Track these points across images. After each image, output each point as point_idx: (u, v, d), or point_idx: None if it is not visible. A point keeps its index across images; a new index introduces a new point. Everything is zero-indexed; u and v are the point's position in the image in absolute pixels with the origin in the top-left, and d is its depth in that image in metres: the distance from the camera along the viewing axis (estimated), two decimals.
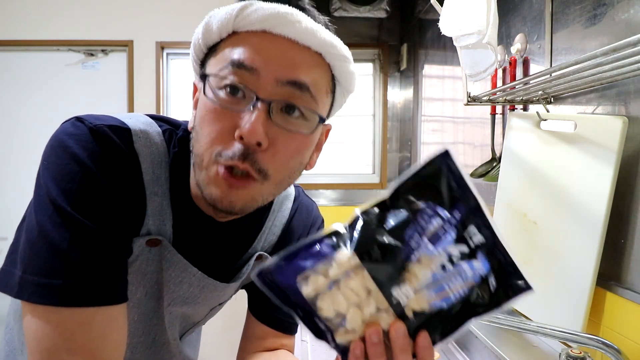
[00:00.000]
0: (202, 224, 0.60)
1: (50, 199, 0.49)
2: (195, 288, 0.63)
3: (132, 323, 0.57)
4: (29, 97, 2.45)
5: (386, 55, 2.53)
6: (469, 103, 1.01)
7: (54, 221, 0.48)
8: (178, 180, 0.58)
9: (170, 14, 2.46)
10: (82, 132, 0.51)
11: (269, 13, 0.49)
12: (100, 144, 0.51)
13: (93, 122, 0.52)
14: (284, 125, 0.50)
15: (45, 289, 0.46)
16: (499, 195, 1.03)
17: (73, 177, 0.49)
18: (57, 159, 0.50)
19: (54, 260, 0.47)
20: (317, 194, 2.53)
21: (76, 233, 0.48)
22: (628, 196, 0.73)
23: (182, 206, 0.58)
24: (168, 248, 0.58)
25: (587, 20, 0.84)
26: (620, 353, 0.64)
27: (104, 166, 0.50)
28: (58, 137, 0.52)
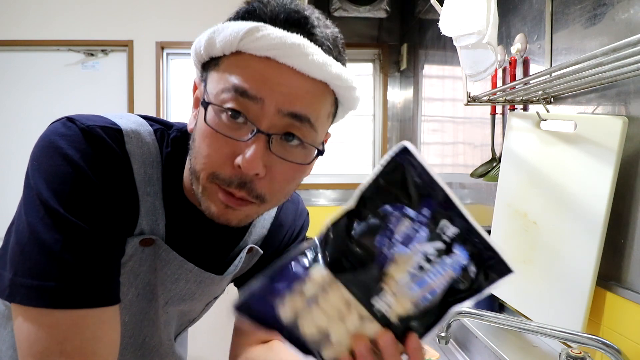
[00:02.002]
0: (196, 220, 0.60)
1: (41, 201, 0.48)
2: (192, 284, 0.63)
3: (122, 324, 0.57)
4: (29, 97, 2.45)
5: (386, 55, 2.53)
6: (469, 103, 1.01)
7: (45, 223, 0.47)
8: (171, 179, 0.58)
9: (170, 14, 2.46)
10: (74, 132, 0.51)
11: (277, 42, 0.46)
12: (92, 145, 0.50)
13: (85, 122, 0.52)
14: (282, 155, 0.50)
15: (37, 291, 0.46)
16: (499, 195, 1.03)
17: (65, 178, 0.49)
18: (48, 159, 0.50)
19: (46, 263, 0.47)
20: (317, 194, 2.53)
21: (68, 235, 0.47)
22: (628, 196, 0.73)
23: (175, 204, 0.59)
24: (162, 247, 0.58)
25: (587, 20, 0.84)
26: (620, 353, 0.64)
27: (96, 167, 0.50)
28: (49, 138, 0.51)
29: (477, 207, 1.39)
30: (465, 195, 1.50)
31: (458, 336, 1.19)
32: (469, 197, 1.46)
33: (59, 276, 0.46)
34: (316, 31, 0.50)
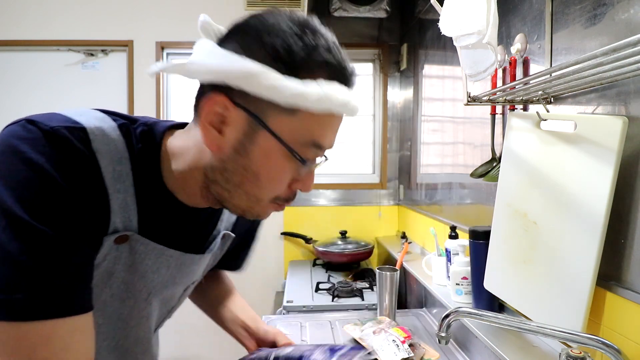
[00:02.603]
0: (171, 208, 0.62)
1: (3, 209, 0.46)
2: (173, 269, 0.65)
3: (96, 327, 0.56)
4: (29, 97, 2.45)
5: (386, 55, 2.53)
6: (469, 103, 1.01)
7: (9, 233, 0.46)
8: (144, 174, 0.59)
9: (170, 14, 2.46)
10: (36, 135, 0.49)
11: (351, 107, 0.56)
12: (56, 147, 0.49)
13: (47, 123, 0.50)
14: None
15: (3, 305, 0.45)
16: (499, 195, 1.03)
17: (29, 184, 0.47)
18: (9, 165, 0.48)
19: (12, 274, 0.46)
20: (317, 194, 2.53)
21: (34, 243, 0.46)
22: (628, 196, 0.73)
23: (149, 197, 0.59)
24: (139, 240, 0.59)
25: (587, 20, 0.84)
26: (620, 353, 0.64)
27: (62, 170, 0.49)
28: (9, 142, 0.49)
29: (477, 207, 1.39)
30: (465, 195, 1.50)
31: (458, 336, 1.19)
32: (469, 197, 1.46)
33: (26, 287, 0.46)
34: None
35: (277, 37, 0.52)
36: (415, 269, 1.63)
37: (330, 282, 1.95)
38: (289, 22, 0.54)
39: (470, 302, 1.20)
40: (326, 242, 2.26)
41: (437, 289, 1.39)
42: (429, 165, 1.97)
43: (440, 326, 0.78)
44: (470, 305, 1.19)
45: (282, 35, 0.52)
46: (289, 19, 0.54)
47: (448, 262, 1.36)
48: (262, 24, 0.54)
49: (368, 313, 1.56)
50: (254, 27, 0.54)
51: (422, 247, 1.97)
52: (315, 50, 0.53)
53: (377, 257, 2.46)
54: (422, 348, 1.11)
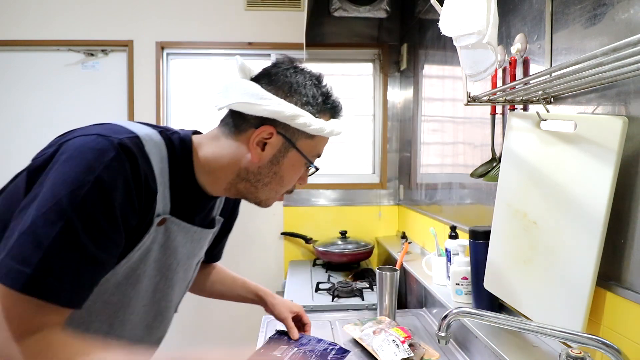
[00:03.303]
0: (197, 197, 0.81)
1: (54, 198, 0.58)
2: (194, 242, 0.85)
3: (127, 301, 0.73)
4: (29, 97, 2.45)
5: (386, 55, 2.53)
6: (469, 103, 1.01)
7: (46, 218, 0.57)
8: (179, 170, 0.76)
9: (170, 14, 2.46)
10: (103, 146, 0.62)
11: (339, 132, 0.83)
12: (118, 158, 0.63)
13: (115, 136, 0.64)
14: None
15: (14, 273, 0.55)
16: (499, 195, 1.03)
17: (83, 185, 0.59)
18: (76, 168, 0.60)
19: (31, 251, 0.56)
20: (317, 194, 2.53)
21: (62, 235, 0.57)
22: (628, 196, 0.73)
23: (180, 188, 0.77)
24: (174, 221, 0.77)
25: (587, 20, 0.84)
26: (620, 353, 0.64)
27: (118, 180, 0.62)
28: (80, 149, 0.62)
29: (477, 207, 1.39)
30: (465, 195, 1.50)
31: (458, 336, 1.19)
32: (469, 197, 1.46)
33: (36, 266, 0.55)
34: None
35: (307, 89, 0.79)
36: (415, 269, 1.63)
37: (330, 282, 1.95)
38: (309, 76, 0.81)
39: (470, 302, 1.20)
40: (326, 242, 2.26)
41: (437, 289, 1.39)
42: (429, 165, 1.97)
43: (440, 326, 0.78)
44: (470, 305, 1.19)
45: (309, 87, 0.79)
46: (308, 74, 0.81)
47: (448, 262, 1.36)
48: (293, 77, 0.79)
49: (368, 313, 1.56)
50: (289, 80, 0.79)
51: (422, 247, 1.97)
52: (327, 98, 0.82)
53: (377, 257, 2.46)
54: (422, 348, 1.11)
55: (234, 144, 0.79)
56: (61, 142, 0.65)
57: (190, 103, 2.55)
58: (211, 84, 2.55)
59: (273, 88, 0.78)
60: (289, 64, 0.81)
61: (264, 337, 1.20)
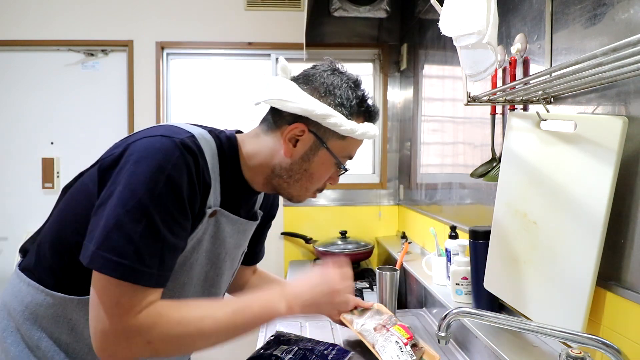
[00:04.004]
0: (244, 191, 0.88)
1: (134, 197, 0.66)
2: (241, 234, 0.91)
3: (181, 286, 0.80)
4: (29, 97, 2.45)
5: (386, 55, 2.53)
6: (469, 103, 1.01)
7: (132, 214, 0.65)
8: (227, 166, 0.83)
9: (170, 14, 2.46)
10: (169, 146, 0.70)
11: (374, 134, 0.87)
12: (182, 156, 0.70)
13: (175, 136, 0.71)
14: None
15: (113, 264, 0.64)
16: (499, 195, 1.03)
17: (157, 183, 0.67)
18: (147, 167, 0.67)
19: (125, 246, 0.65)
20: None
21: (147, 229, 0.66)
22: (628, 196, 0.73)
23: (229, 182, 0.83)
24: (223, 213, 0.83)
25: (587, 20, 0.84)
26: (620, 353, 0.64)
27: (184, 175, 0.69)
28: (149, 149, 0.69)
29: (477, 207, 1.39)
30: (465, 195, 1.50)
31: (458, 336, 1.19)
32: (469, 197, 1.46)
33: (132, 258, 0.65)
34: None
35: (342, 90, 0.82)
36: (415, 269, 1.63)
37: None
38: (345, 79, 0.84)
39: (470, 302, 1.20)
40: (326, 242, 2.26)
41: (437, 289, 1.39)
42: (429, 165, 1.97)
43: (440, 326, 0.78)
44: (470, 305, 1.19)
45: (344, 90, 0.83)
46: (345, 77, 0.84)
47: (448, 262, 1.36)
48: (330, 79, 0.83)
49: None
50: (326, 81, 0.83)
51: (422, 247, 1.97)
52: (362, 101, 0.85)
53: (377, 257, 2.46)
54: (421, 348, 1.10)
55: (270, 140, 0.85)
56: (128, 142, 0.72)
57: (190, 103, 2.55)
58: (211, 84, 2.55)
59: (309, 88, 0.82)
60: (328, 66, 0.85)
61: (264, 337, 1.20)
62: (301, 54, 2.38)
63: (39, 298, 0.75)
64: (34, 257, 0.79)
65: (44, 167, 2.43)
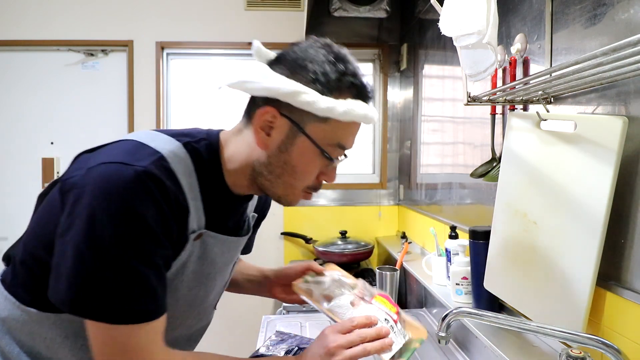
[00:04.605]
0: (230, 202, 0.79)
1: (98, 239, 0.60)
2: (232, 251, 0.84)
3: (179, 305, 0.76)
4: (29, 97, 2.45)
5: (386, 55, 2.53)
6: (469, 103, 1.01)
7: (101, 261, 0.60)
8: (208, 180, 0.74)
9: (170, 14, 2.46)
10: (129, 178, 0.61)
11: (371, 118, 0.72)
12: (146, 187, 0.62)
13: (138, 164, 0.63)
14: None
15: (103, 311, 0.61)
16: (499, 195, 1.03)
17: (122, 220, 0.60)
18: (106, 202, 0.60)
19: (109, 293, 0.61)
20: (317, 194, 2.53)
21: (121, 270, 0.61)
22: (628, 196, 0.73)
23: (213, 198, 0.75)
24: (210, 235, 0.75)
25: (587, 20, 0.84)
26: (620, 353, 0.64)
27: (151, 208, 0.62)
28: (106, 181, 0.62)
29: (477, 207, 1.39)
30: (465, 195, 1.50)
31: (458, 336, 1.19)
32: (469, 197, 1.46)
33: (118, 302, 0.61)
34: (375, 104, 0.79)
35: (316, 65, 0.69)
36: (415, 269, 1.63)
37: None
38: (325, 52, 0.70)
39: (470, 302, 1.20)
40: (326, 242, 2.26)
41: (437, 289, 1.39)
42: (429, 165, 1.97)
43: (440, 326, 0.78)
44: (470, 305, 1.19)
45: (319, 63, 0.69)
46: (325, 49, 0.71)
47: (448, 262, 1.36)
48: (304, 53, 0.71)
49: None
50: (299, 56, 0.71)
51: (422, 247, 1.97)
52: (344, 76, 0.70)
53: (377, 257, 2.46)
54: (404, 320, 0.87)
55: (249, 133, 0.74)
56: (87, 167, 0.65)
57: (190, 103, 2.55)
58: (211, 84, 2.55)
59: (279, 66, 0.71)
60: (308, 41, 0.73)
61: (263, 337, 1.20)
62: None
63: (15, 313, 0.70)
64: (11, 269, 0.74)
65: (44, 167, 2.43)
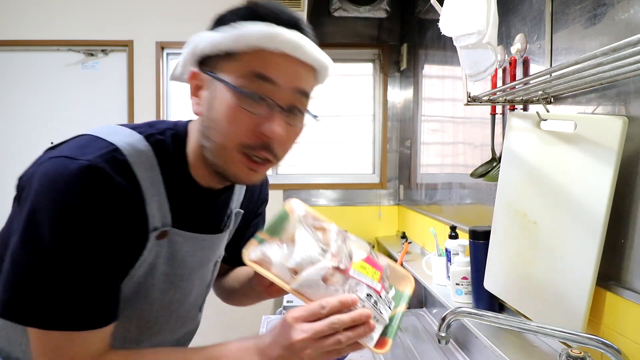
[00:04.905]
0: (199, 198, 0.72)
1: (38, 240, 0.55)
2: (206, 250, 0.77)
3: (138, 313, 0.70)
4: (29, 97, 2.45)
5: (386, 55, 2.53)
6: (469, 103, 1.01)
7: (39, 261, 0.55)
8: (173, 174, 0.68)
9: (170, 14, 2.46)
10: (72, 172, 0.56)
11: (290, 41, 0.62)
12: (89, 182, 0.57)
13: (83, 157, 0.58)
14: (292, 123, 0.65)
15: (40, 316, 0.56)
16: (499, 195, 1.03)
17: (62, 218, 0.55)
18: (47, 199, 0.56)
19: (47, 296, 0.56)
20: (317, 194, 2.53)
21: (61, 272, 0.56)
22: (628, 196, 0.73)
23: (179, 194, 0.69)
24: (176, 233, 0.69)
25: (587, 20, 0.84)
26: (620, 353, 0.64)
27: (97, 202, 0.57)
28: (49, 176, 0.57)
29: (477, 207, 1.39)
30: (465, 195, 1.50)
31: (458, 336, 1.19)
32: (469, 197, 1.46)
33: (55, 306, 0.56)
34: (307, 30, 0.67)
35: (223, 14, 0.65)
36: (415, 269, 1.63)
37: None
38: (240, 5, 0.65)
39: (470, 302, 1.20)
40: None
41: (437, 289, 1.39)
42: (429, 165, 1.97)
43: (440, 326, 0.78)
44: (470, 305, 1.19)
45: (226, 13, 0.64)
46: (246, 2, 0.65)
47: (448, 262, 1.36)
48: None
49: None
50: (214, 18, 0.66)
51: (422, 247, 1.97)
52: (239, 9, 0.64)
53: None
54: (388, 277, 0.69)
55: None
56: (40, 162, 0.61)
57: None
58: None
59: None
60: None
61: None
62: None
63: None
64: None
65: None
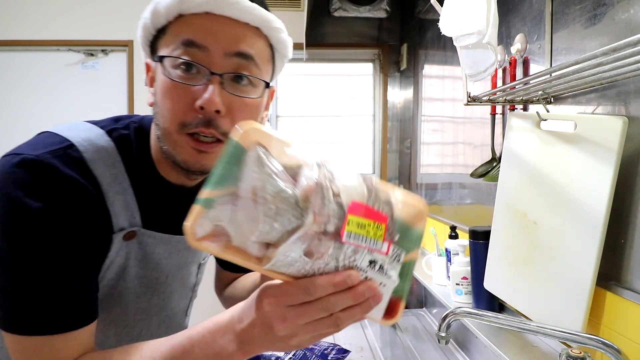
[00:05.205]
0: (169, 195, 0.66)
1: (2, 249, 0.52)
2: (183, 252, 0.71)
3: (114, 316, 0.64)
4: (29, 97, 2.45)
5: (386, 55, 2.53)
6: (469, 103, 1.01)
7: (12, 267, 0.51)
8: (139, 171, 0.63)
9: None
10: (19, 169, 0.53)
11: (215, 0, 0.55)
12: (37, 180, 0.53)
13: (31, 153, 0.54)
14: (236, 92, 0.58)
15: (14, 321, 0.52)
16: (499, 195, 1.03)
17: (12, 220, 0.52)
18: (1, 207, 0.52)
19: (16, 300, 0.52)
20: None
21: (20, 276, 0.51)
22: (628, 196, 0.73)
23: (148, 192, 0.64)
24: (146, 234, 0.64)
25: (587, 20, 0.84)
26: (620, 353, 0.64)
27: (46, 198, 0.52)
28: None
29: (477, 207, 1.39)
30: (465, 195, 1.50)
31: (458, 336, 1.19)
32: (469, 197, 1.46)
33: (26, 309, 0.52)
34: None
35: None
36: (415, 269, 1.63)
37: None
38: None
39: (470, 302, 1.20)
40: None
41: (437, 289, 1.39)
42: (429, 165, 1.97)
43: (440, 326, 0.78)
44: (470, 305, 1.19)
45: None
46: None
47: (448, 262, 1.36)
48: None
49: None
50: None
51: (422, 247, 1.97)
52: None
53: None
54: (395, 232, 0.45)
55: None
56: None
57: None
58: None
59: None
60: None
61: None
62: (301, 54, 2.38)
63: None
64: None
65: None
